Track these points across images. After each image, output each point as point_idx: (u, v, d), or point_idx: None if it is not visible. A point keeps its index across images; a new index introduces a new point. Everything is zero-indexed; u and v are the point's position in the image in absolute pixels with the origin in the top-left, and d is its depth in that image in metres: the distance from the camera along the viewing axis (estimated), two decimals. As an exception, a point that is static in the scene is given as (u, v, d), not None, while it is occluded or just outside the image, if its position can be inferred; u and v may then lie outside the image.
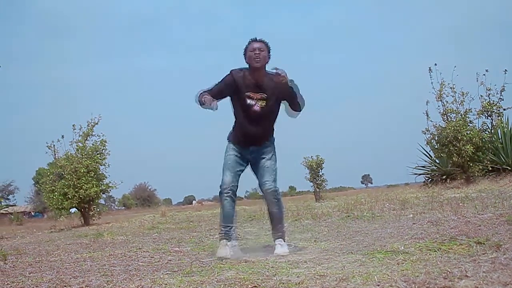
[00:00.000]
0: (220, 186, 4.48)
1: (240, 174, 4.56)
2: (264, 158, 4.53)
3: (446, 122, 12.02)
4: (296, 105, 4.51)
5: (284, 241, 4.49)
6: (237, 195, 4.63)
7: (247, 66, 4.46)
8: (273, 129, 4.67)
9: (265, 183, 4.46)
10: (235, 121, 4.64)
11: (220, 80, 4.49)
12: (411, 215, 6.30)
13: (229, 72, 4.49)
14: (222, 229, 4.49)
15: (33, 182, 52.42)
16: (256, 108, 4.42)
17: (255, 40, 4.46)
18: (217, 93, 4.44)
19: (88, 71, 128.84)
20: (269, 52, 4.47)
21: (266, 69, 4.45)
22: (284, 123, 4.80)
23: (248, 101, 4.43)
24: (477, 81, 12.01)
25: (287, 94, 4.43)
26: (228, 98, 4.55)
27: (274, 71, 4.29)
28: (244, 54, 4.46)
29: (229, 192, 4.46)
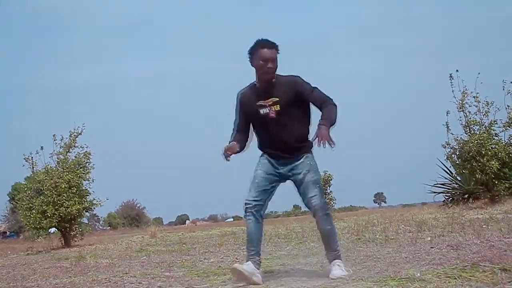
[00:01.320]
0: (244, 205, 4.44)
1: (270, 192, 4.48)
2: (302, 172, 4.39)
3: (469, 135, 12.02)
4: (323, 103, 4.31)
5: (341, 262, 4.39)
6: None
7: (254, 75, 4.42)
8: (307, 135, 4.50)
9: (311, 200, 4.31)
10: (259, 141, 4.60)
11: (235, 110, 4.57)
12: (429, 238, 6.29)
13: (236, 96, 4.56)
14: (247, 252, 4.51)
15: (8, 199, 52.35)
16: (272, 114, 4.35)
17: (266, 44, 4.34)
18: (242, 124, 4.54)
19: (71, 77, 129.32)
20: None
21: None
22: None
23: (261, 110, 4.38)
24: (503, 89, 12.06)
25: (304, 93, 4.34)
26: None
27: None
28: (251, 57, 4.38)
29: (251, 211, 4.41)
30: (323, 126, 4.09)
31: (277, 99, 4.33)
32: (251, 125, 4.57)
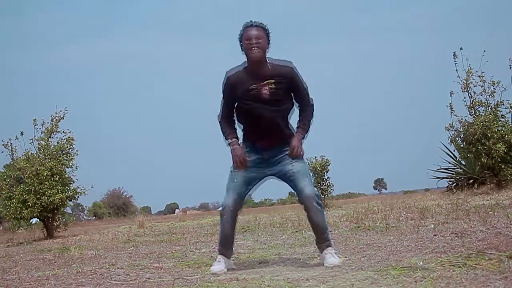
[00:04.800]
0: (222, 207, 4.62)
1: (247, 194, 4.61)
2: (291, 162, 4.48)
3: (474, 117, 12.02)
4: (306, 104, 4.57)
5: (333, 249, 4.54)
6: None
7: (245, 57, 4.47)
8: (290, 128, 4.60)
9: (304, 189, 4.40)
10: (243, 130, 4.65)
11: (222, 93, 4.57)
12: (432, 226, 6.32)
13: (225, 76, 4.54)
14: (220, 248, 4.70)
15: (-13, 188, 52.18)
16: (265, 91, 4.37)
17: (250, 25, 4.43)
18: (230, 111, 4.59)
19: (52, 56, 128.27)
20: (268, 37, 4.47)
21: (267, 57, 4.46)
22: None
23: (254, 91, 4.40)
24: (510, 68, 12.03)
25: (296, 87, 4.49)
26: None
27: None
28: (240, 43, 4.46)
29: (229, 214, 4.56)
30: (299, 136, 4.49)
31: (273, 81, 4.39)
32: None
